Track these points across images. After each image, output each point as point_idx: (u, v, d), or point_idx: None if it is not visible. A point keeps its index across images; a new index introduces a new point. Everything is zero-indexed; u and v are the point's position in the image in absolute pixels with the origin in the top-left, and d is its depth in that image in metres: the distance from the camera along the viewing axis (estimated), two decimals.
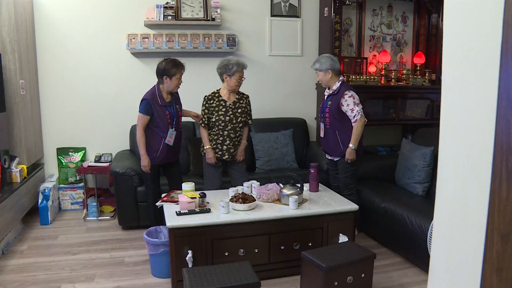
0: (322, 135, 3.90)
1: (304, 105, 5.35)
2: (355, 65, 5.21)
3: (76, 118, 4.77)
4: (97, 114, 4.81)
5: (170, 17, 4.68)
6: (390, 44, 5.49)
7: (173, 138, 3.64)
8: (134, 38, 4.68)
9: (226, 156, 3.74)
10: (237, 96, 3.77)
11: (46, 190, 4.30)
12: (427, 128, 4.62)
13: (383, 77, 5.14)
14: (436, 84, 5.26)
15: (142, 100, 3.59)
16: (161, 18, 4.66)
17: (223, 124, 3.69)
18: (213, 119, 3.71)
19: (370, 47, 5.40)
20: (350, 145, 3.64)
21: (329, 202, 3.38)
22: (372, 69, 5.23)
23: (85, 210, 4.54)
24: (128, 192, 4.08)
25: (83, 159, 4.77)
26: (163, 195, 3.53)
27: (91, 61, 4.72)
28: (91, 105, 4.78)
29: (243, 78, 3.70)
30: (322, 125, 3.87)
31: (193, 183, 3.36)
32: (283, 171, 4.48)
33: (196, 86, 4.67)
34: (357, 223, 3.52)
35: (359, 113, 3.60)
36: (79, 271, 3.29)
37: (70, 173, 4.74)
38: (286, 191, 3.32)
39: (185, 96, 3.96)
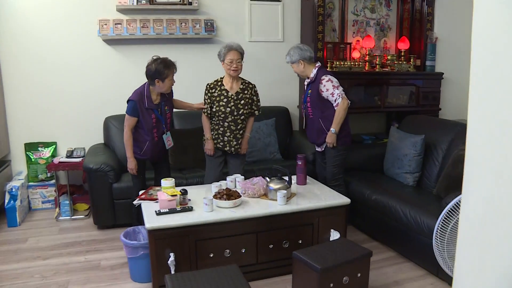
0: (304, 126, 3.77)
1: (286, 93, 5.14)
2: (339, 50, 5.03)
3: (45, 110, 4.44)
4: (68, 106, 4.49)
5: (144, 1, 4.39)
6: (373, 29, 5.31)
7: (171, 140, 3.55)
8: (106, 24, 4.37)
9: (228, 148, 3.55)
10: (241, 86, 3.53)
11: (14, 189, 3.99)
12: (415, 115, 4.48)
13: (367, 63, 4.97)
14: (421, 70, 5.14)
15: (129, 101, 3.36)
16: (135, 2, 4.36)
17: (223, 115, 3.47)
18: (214, 109, 3.49)
19: (354, 32, 5.21)
20: (332, 129, 3.49)
21: (319, 195, 3.20)
22: (356, 54, 5.05)
23: (57, 209, 4.26)
24: (103, 189, 3.82)
25: (53, 155, 4.47)
26: (140, 192, 3.30)
27: (59, 50, 4.38)
28: (61, 96, 4.46)
29: (239, 61, 3.44)
30: (304, 116, 3.72)
31: (173, 179, 3.13)
32: (266, 163, 4.30)
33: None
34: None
35: (339, 96, 3.46)
36: (51, 278, 3.03)
37: (40, 170, 4.44)
38: (273, 185, 3.13)
39: None
